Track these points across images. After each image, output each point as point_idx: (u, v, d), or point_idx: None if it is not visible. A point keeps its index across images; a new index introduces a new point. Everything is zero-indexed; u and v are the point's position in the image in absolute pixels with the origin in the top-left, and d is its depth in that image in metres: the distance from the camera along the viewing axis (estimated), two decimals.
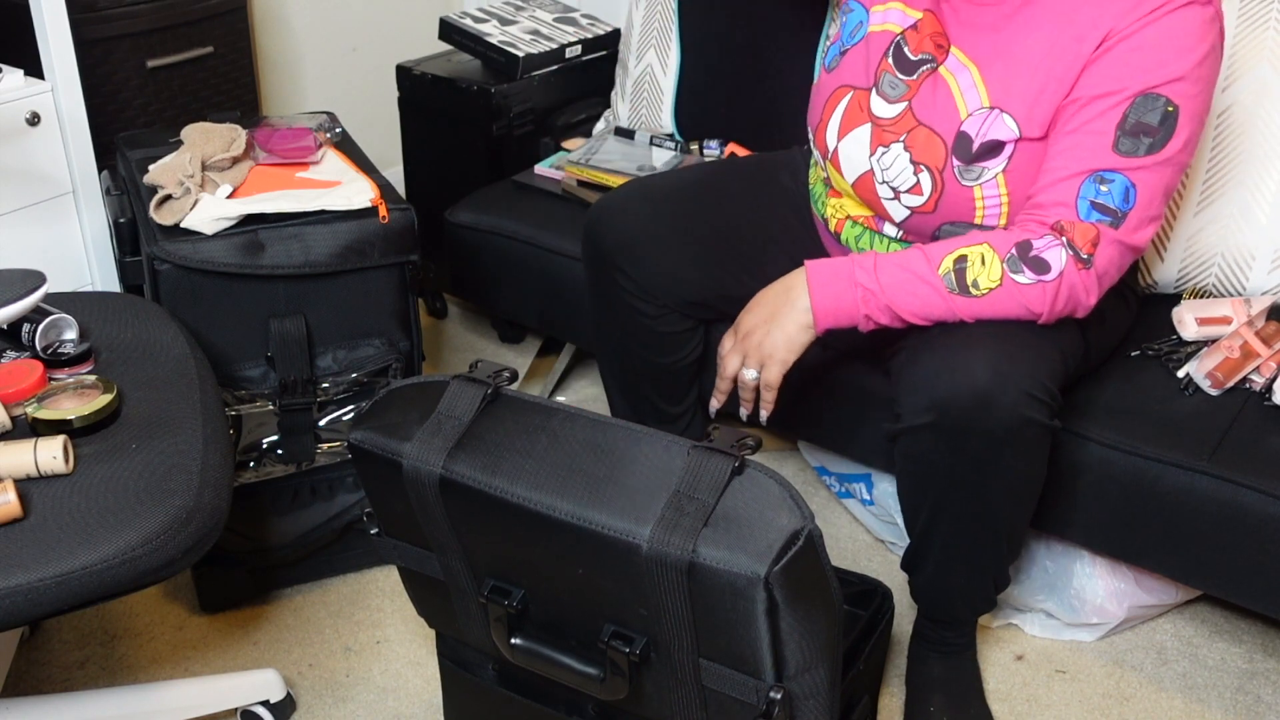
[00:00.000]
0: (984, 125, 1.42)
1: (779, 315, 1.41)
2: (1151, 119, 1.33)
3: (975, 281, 1.35)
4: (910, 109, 1.47)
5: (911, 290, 1.36)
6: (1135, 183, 1.34)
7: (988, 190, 1.43)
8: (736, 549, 1.06)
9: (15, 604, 1.07)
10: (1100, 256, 1.35)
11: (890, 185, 1.49)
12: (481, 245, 2.14)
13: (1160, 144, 1.34)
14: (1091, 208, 1.35)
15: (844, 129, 1.54)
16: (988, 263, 1.35)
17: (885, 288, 1.36)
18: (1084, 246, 1.34)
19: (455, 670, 1.43)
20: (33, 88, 1.83)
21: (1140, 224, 1.36)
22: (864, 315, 1.38)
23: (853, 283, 1.37)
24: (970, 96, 1.43)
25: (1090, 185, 1.35)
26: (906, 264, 1.37)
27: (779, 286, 1.43)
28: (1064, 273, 1.35)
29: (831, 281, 1.38)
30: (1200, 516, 1.47)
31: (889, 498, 1.84)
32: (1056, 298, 1.35)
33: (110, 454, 1.23)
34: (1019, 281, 1.35)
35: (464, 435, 1.20)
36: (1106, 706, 1.61)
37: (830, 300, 1.38)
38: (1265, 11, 1.69)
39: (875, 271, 1.37)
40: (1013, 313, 1.37)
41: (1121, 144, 1.34)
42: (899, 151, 1.47)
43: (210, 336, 1.60)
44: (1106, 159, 1.34)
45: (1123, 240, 1.36)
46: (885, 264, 1.37)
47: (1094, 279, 1.36)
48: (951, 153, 1.44)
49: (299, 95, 2.75)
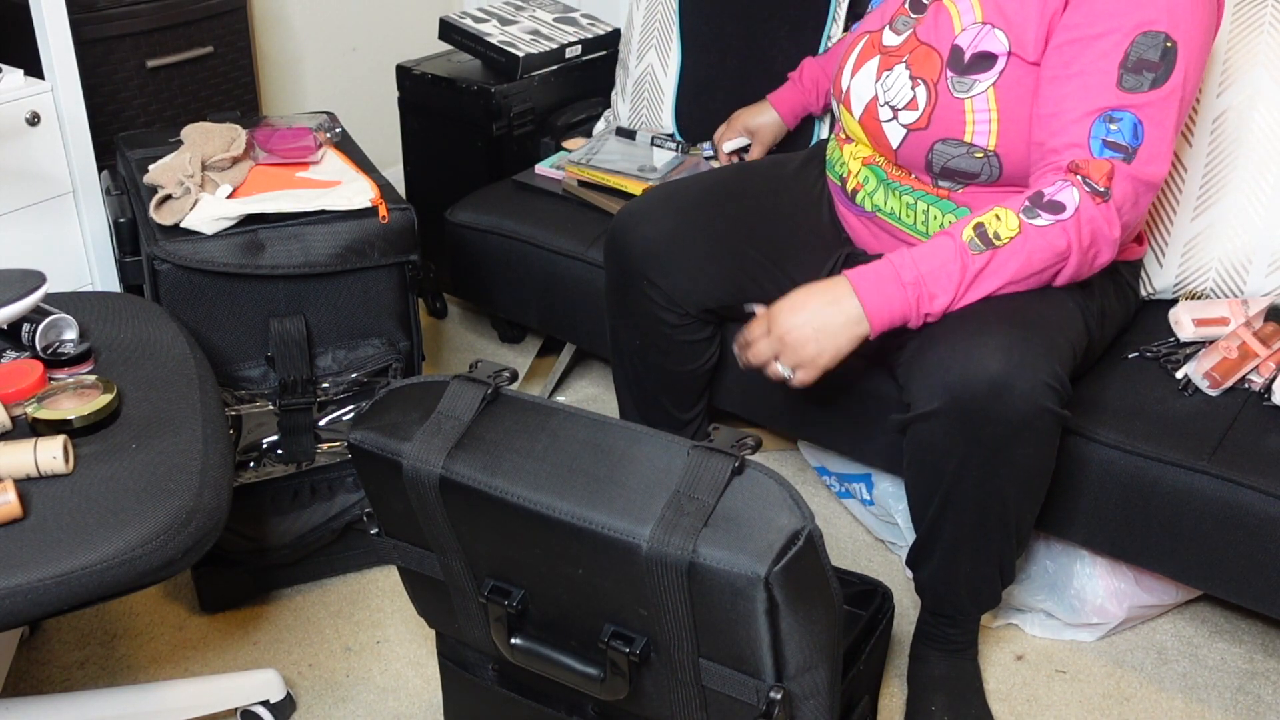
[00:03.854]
0: (976, 38, 1.48)
1: (829, 327, 1.38)
2: (1152, 55, 1.38)
3: (996, 234, 1.38)
4: (914, 33, 1.55)
5: (947, 270, 1.37)
6: (1142, 119, 1.39)
7: (978, 104, 1.48)
8: (736, 549, 1.06)
9: (15, 604, 1.07)
10: (1116, 189, 1.39)
11: (890, 105, 1.55)
12: (481, 245, 2.14)
13: (1163, 78, 1.38)
14: (1104, 145, 1.39)
15: (857, 66, 1.61)
16: (1004, 218, 1.39)
17: (926, 276, 1.37)
18: (1099, 180, 1.39)
19: (455, 670, 1.43)
20: (33, 88, 1.83)
21: (1151, 158, 1.40)
22: (916, 310, 1.38)
23: (900, 283, 1.38)
24: (966, 15, 1.50)
25: (1100, 124, 1.39)
26: (936, 249, 1.39)
27: (824, 296, 1.39)
28: (1080, 208, 1.39)
29: (879, 285, 1.38)
30: (1200, 516, 1.47)
31: (889, 498, 1.84)
32: (1080, 233, 1.39)
33: (110, 454, 1.23)
34: (1038, 225, 1.38)
35: (464, 435, 1.20)
36: (1106, 706, 1.61)
37: (883, 302, 1.38)
38: (1259, 16, 1.69)
39: (915, 265, 1.38)
40: (1040, 256, 1.39)
41: (1125, 81, 1.39)
42: (900, 71, 1.54)
43: (210, 336, 1.60)
44: (1113, 97, 1.39)
45: (1136, 175, 1.40)
46: (920, 255, 1.39)
47: (1113, 211, 1.40)
48: (946, 64, 1.50)
49: (299, 95, 2.75)
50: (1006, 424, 1.32)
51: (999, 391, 1.31)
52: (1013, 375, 1.31)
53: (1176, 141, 1.73)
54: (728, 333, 1.81)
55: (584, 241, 2.02)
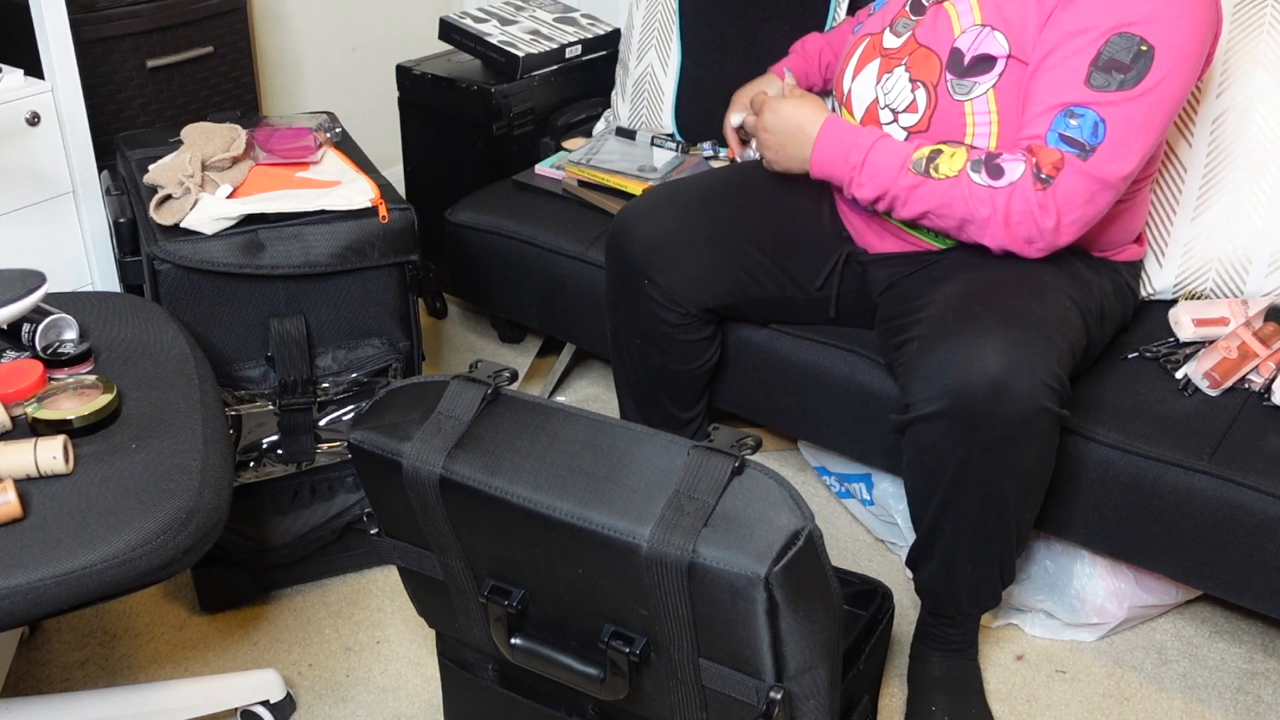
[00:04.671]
0: (976, 40, 1.49)
1: (788, 149, 1.58)
2: (1124, 56, 1.39)
3: (937, 166, 1.47)
4: (913, 36, 1.56)
5: (885, 172, 1.49)
6: (1105, 118, 1.40)
7: (978, 107, 1.48)
8: (736, 549, 1.06)
9: (15, 604, 1.07)
10: (1063, 182, 1.41)
11: (890, 108, 1.56)
12: (481, 245, 2.14)
13: (1132, 81, 1.39)
14: (1060, 139, 1.41)
15: (858, 69, 1.62)
16: (954, 158, 1.46)
17: (867, 167, 1.50)
18: (1045, 167, 1.41)
19: (455, 670, 1.43)
20: (33, 88, 1.83)
21: (1111, 157, 1.41)
22: (847, 187, 1.54)
23: (845, 159, 1.52)
24: (965, 17, 1.50)
25: (1061, 118, 1.41)
26: (889, 151, 1.49)
27: (798, 127, 1.56)
28: (1016, 184, 1.42)
29: (832, 148, 1.54)
30: (1200, 516, 1.47)
31: (889, 498, 1.84)
32: (1006, 207, 1.43)
33: (110, 454, 1.23)
34: (973, 178, 1.44)
35: (464, 435, 1.20)
36: (1106, 706, 1.61)
37: (826, 163, 1.55)
38: (1259, 17, 1.69)
39: (865, 152, 1.50)
40: (959, 208, 1.46)
41: (1093, 79, 1.40)
42: (900, 73, 1.55)
43: (210, 336, 1.60)
44: (1078, 93, 1.41)
45: (1091, 173, 1.41)
46: (875, 148, 1.50)
47: (1051, 201, 1.41)
48: (945, 68, 1.50)
49: (299, 95, 2.75)
50: (1006, 424, 1.32)
51: (998, 392, 1.31)
52: (1011, 376, 1.31)
53: (1171, 141, 1.73)
54: (728, 332, 1.81)
55: (584, 241, 2.02)
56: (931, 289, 1.52)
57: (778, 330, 1.78)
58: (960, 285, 1.47)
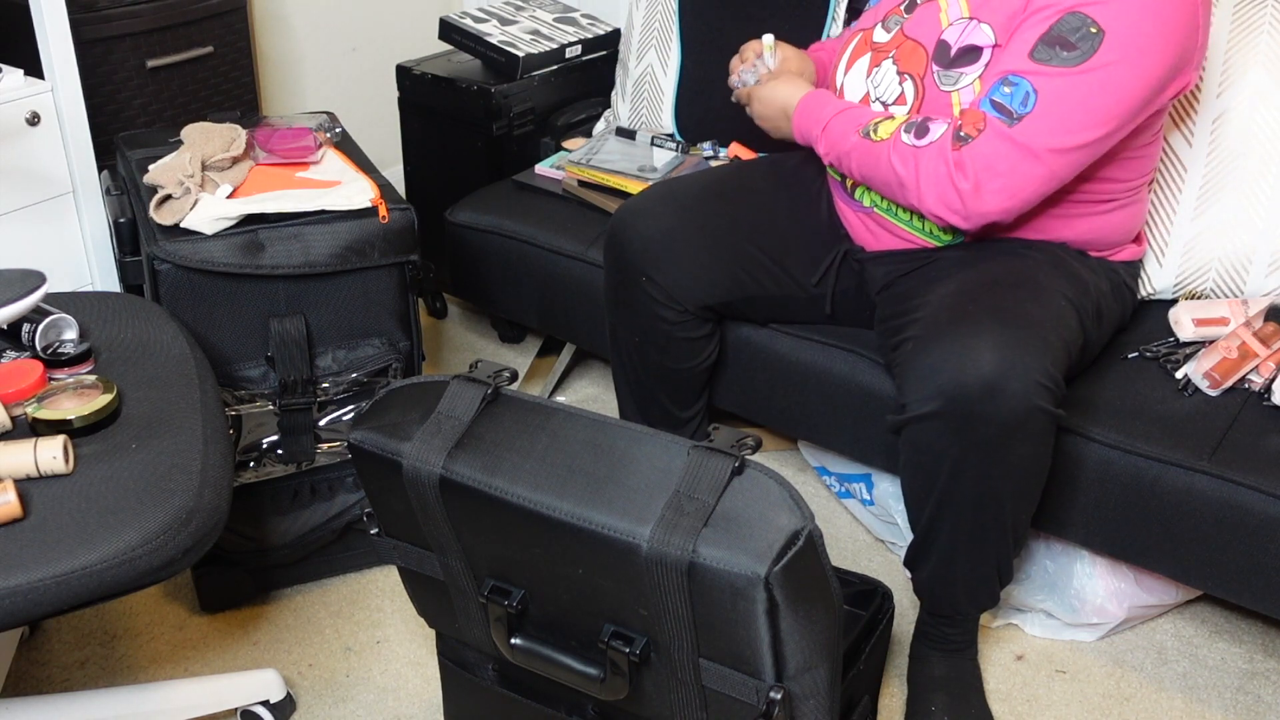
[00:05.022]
0: (963, 33, 1.50)
1: (781, 126, 1.70)
2: (1071, 35, 1.40)
3: (876, 128, 1.53)
4: (902, 30, 1.58)
5: (839, 133, 1.57)
6: (1038, 89, 1.41)
7: (965, 96, 1.50)
8: (736, 549, 1.06)
9: (15, 604, 1.07)
10: (981, 142, 1.43)
11: (881, 101, 1.58)
12: (481, 245, 2.14)
13: (1074, 60, 1.40)
14: (991, 104, 1.43)
15: (850, 64, 1.64)
16: (895, 121, 1.52)
17: (828, 128, 1.58)
18: (968, 127, 1.44)
19: (455, 670, 1.43)
20: (33, 88, 1.83)
21: (1038, 131, 1.41)
22: (814, 145, 1.63)
23: (815, 128, 1.61)
24: (952, 10, 1.52)
25: (998, 86, 1.44)
26: (850, 117, 1.56)
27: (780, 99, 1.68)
28: (935, 143, 1.45)
29: (809, 116, 1.63)
30: (1200, 516, 1.47)
31: (889, 498, 1.84)
32: (925, 164, 1.45)
33: (110, 454, 1.23)
34: (902, 139, 1.49)
35: (464, 435, 1.20)
36: (1106, 706, 1.61)
37: (802, 132, 1.65)
38: (1259, 16, 1.69)
39: (829, 117, 1.59)
40: (882, 171, 1.51)
41: (1037, 52, 1.42)
42: (888, 66, 1.57)
43: (210, 336, 1.60)
44: (1019, 63, 1.43)
45: (1013, 138, 1.42)
46: (839, 118, 1.57)
47: (967, 160, 1.43)
48: (932, 59, 1.52)
49: (299, 95, 2.75)
50: (1000, 424, 1.32)
51: (992, 392, 1.31)
52: (1006, 375, 1.31)
53: (1171, 141, 1.73)
54: (727, 332, 1.81)
55: (584, 241, 2.02)
56: (927, 288, 1.52)
57: (777, 330, 1.78)
58: (956, 285, 1.47)
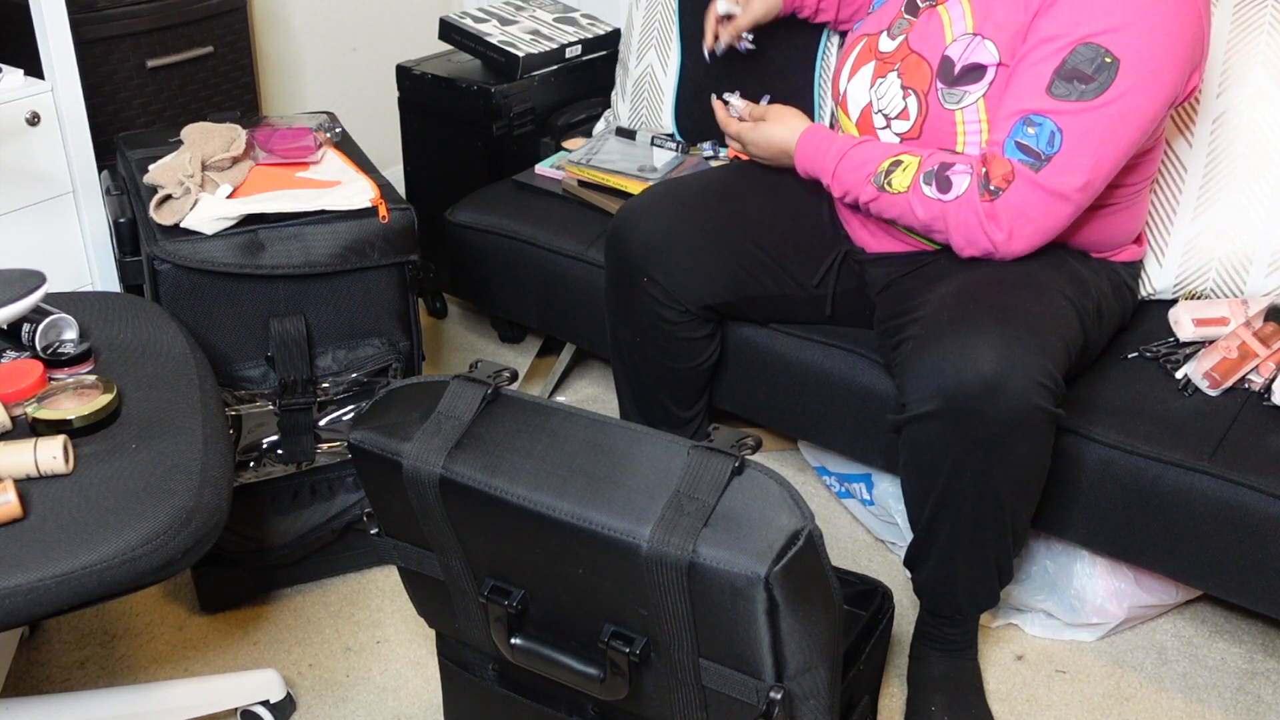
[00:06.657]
0: (967, 49, 1.49)
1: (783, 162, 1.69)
2: (1087, 67, 1.39)
3: (891, 182, 1.51)
4: (906, 40, 1.56)
5: (851, 180, 1.55)
6: (1062, 127, 1.40)
7: (968, 115, 1.49)
8: (736, 549, 1.06)
9: (15, 604, 1.07)
10: (1013, 193, 1.42)
11: (884, 114, 1.57)
12: (481, 245, 2.14)
13: (1093, 92, 1.39)
14: (1016, 147, 1.42)
15: (854, 70, 1.63)
16: (906, 171, 1.49)
17: (838, 175, 1.57)
18: (996, 179, 1.42)
19: (455, 670, 1.43)
20: (33, 88, 1.83)
21: (1065, 169, 1.41)
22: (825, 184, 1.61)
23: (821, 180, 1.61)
24: (958, 25, 1.50)
25: (1020, 126, 1.42)
26: (857, 163, 1.54)
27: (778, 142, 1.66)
28: (962, 197, 1.44)
29: (810, 168, 1.62)
30: (1200, 516, 1.47)
31: (889, 498, 1.84)
32: (956, 220, 1.45)
33: (110, 454, 1.23)
34: (923, 192, 1.48)
35: (464, 435, 1.20)
36: (1106, 706, 1.61)
37: (808, 177, 1.64)
38: (1259, 16, 1.69)
39: (839, 163, 1.57)
40: (909, 218, 1.51)
41: (1055, 88, 1.40)
42: (892, 79, 1.56)
43: (210, 336, 1.60)
44: (1038, 101, 1.41)
45: (1042, 185, 1.41)
46: (846, 159, 1.56)
47: (1000, 212, 1.43)
48: (936, 75, 1.51)
49: (299, 95, 2.75)
50: (1000, 424, 1.33)
51: (992, 391, 1.31)
52: (1005, 375, 1.31)
53: (1171, 141, 1.73)
54: (728, 332, 1.81)
55: (584, 241, 2.02)
56: (927, 289, 1.52)
57: (777, 330, 1.78)
58: (956, 285, 1.47)
